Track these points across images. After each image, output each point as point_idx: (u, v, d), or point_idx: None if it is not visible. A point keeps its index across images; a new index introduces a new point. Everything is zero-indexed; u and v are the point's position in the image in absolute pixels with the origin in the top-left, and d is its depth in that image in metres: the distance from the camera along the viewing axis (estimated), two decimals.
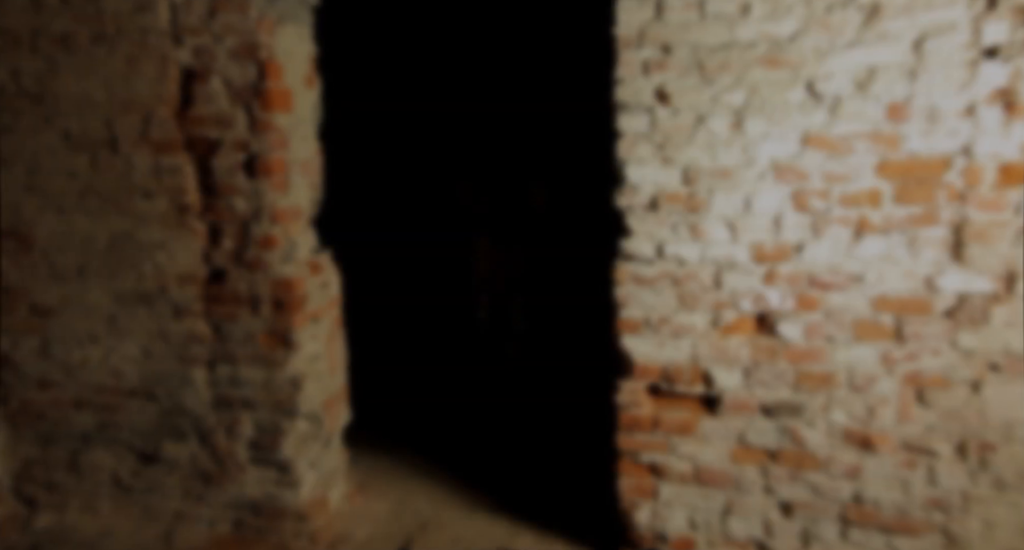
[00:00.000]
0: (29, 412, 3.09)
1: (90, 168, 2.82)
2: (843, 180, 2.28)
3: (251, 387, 2.87)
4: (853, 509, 2.43)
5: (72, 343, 2.99)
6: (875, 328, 2.32)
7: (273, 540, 2.94)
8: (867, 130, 2.23)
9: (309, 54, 2.92)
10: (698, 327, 2.47)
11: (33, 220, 2.92)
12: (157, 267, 2.85)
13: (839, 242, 2.31)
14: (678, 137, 2.39)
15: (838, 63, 2.22)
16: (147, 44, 2.66)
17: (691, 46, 2.33)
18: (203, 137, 2.72)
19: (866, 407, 2.36)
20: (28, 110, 2.81)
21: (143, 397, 2.97)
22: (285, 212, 2.79)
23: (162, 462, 3.01)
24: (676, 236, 2.45)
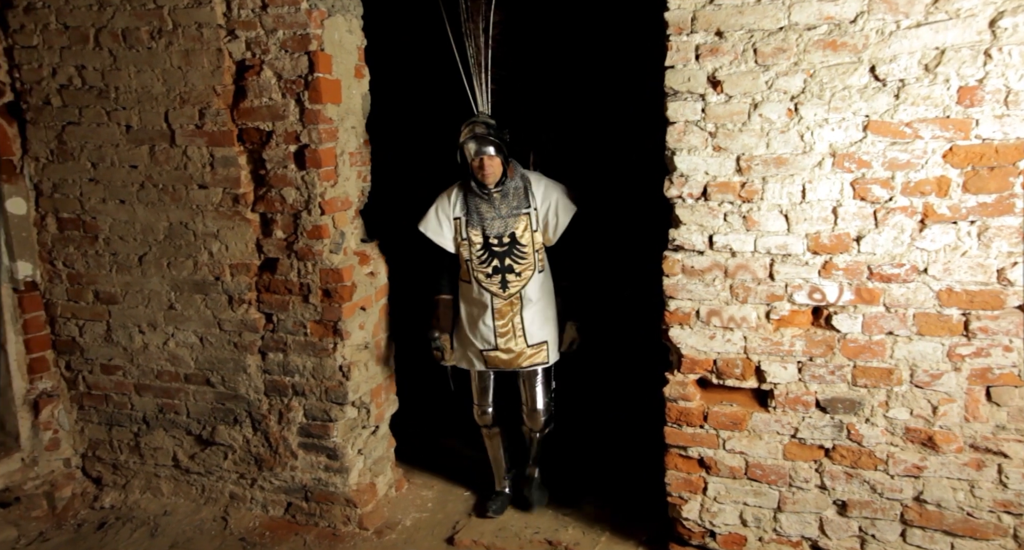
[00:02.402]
0: (95, 395, 3.23)
1: (149, 160, 2.91)
2: (907, 167, 2.18)
3: (301, 374, 2.93)
4: (914, 510, 2.33)
5: (133, 329, 3.11)
6: (940, 322, 2.21)
7: (323, 525, 3.01)
8: (934, 115, 2.12)
9: (358, 45, 2.94)
10: (750, 319, 2.41)
11: (97, 210, 3.03)
12: (212, 256, 2.93)
13: (902, 232, 2.21)
14: (731, 125, 2.32)
15: (904, 45, 2.11)
16: (203, 38, 2.72)
17: (746, 30, 2.25)
18: (255, 129, 2.77)
19: (930, 405, 2.26)
20: (92, 104, 2.91)
21: (199, 382, 3.07)
22: (334, 202, 2.83)
23: (218, 446, 3.10)
24: (728, 226, 2.38)
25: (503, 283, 2.85)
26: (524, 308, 2.89)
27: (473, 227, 2.85)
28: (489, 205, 2.83)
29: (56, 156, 3.02)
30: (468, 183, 2.85)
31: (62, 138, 2.99)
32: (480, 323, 2.92)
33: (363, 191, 3.06)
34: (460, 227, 2.88)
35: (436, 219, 2.90)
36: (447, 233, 2.89)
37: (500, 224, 2.83)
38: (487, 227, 2.83)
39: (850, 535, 2.42)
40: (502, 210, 2.83)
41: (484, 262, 2.85)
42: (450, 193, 2.93)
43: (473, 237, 2.85)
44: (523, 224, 2.83)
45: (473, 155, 2.74)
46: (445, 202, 2.91)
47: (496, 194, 2.81)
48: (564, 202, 2.84)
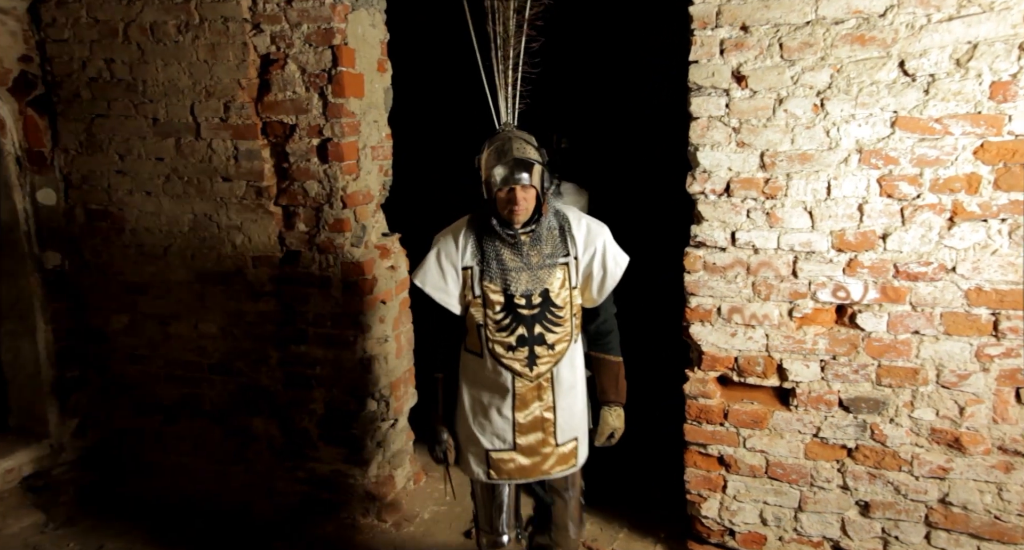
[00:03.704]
0: (120, 384, 3.28)
1: (175, 152, 2.95)
2: (936, 164, 2.14)
3: (322, 367, 2.96)
4: (939, 512, 2.30)
5: (158, 320, 3.15)
6: (969, 322, 2.18)
7: (342, 516, 3.03)
8: (965, 111, 2.08)
9: (381, 39, 2.95)
10: (772, 317, 2.38)
11: (124, 202, 3.08)
12: (235, 248, 2.97)
13: (930, 230, 2.18)
14: (755, 120, 2.30)
15: (935, 39, 2.08)
16: (228, 32, 2.74)
17: (772, 25, 2.23)
18: (279, 122, 2.80)
19: (956, 405, 2.23)
20: (120, 97, 2.96)
21: (222, 373, 3.11)
22: (356, 196, 2.85)
23: (240, 436, 3.14)
24: (751, 223, 2.36)
25: (530, 359, 2.08)
26: (557, 394, 2.14)
27: (491, 281, 2.06)
28: (515, 252, 2.05)
29: (85, 148, 3.08)
30: (485, 221, 2.07)
31: (91, 130, 3.04)
32: (494, 414, 2.15)
33: (384, 185, 3.07)
34: (471, 280, 2.08)
35: (438, 269, 2.10)
36: (452, 288, 2.10)
37: (529, 278, 2.05)
38: (511, 281, 2.05)
39: (873, 536, 2.39)
40: (532, 259, 2.05)
41: (505, 329, 2.07)
42: (456, 233, 2.12)
43: (490, 294, 2.07)
44: (559, 278, 2.07)
45: (500, 183, 1.96)
46: (450, 245, 2.10)
47: (525, 237, 2.04)
48: (613, 249, 2.13)
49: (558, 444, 2.17)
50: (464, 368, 2.21)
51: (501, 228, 2.04)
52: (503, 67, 2.10)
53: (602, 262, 2.10)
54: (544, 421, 2.14)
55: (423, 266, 2.12)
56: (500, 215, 2.03)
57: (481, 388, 2.17)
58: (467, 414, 2.20)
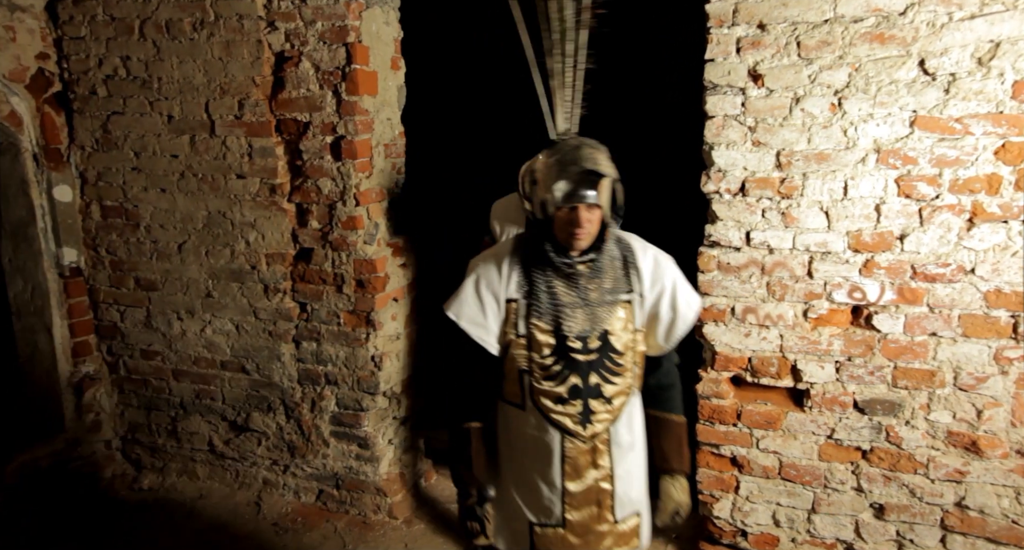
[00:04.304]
0: (135, 379, 3.31)
1: (190, 150, 2.96)
2: (956, 164, 2.12)
3: (334, 363, 2.96)
4: (955, 516, 2.28)
5: (172, 316, 3.17)
6: (988, 324, 2.15)
7: (353, 513, 3.05)
8: (987, 110, 2.05)
9: (395, 37, 2.95)
10: (787, 317, 2.37)
11: (139, 199, 3.10)
12: (248, 245, 2.98)
13: (948, 231, 2.15)
14: (771, 119, 2.28)
15: (956, 37, 2.05)
16: (243, 29, 2.75)
17: (789, 23, 2.21)
18: (293, 120, 2.80)
19: (974, 408, 2.20)
20: (136, 94, 2.97)
21: (235, 369, 3.13)
22: (369, 194, 2.85)
23: (252, 432, 3.16)
24: (766, 223, 2.35)
25: (584, 415, 1.73)
26: (615, 459, 1.78)
27: (540, 317, 1.72)
28: (570, 285, 1.72)
29: (101, 145, 3.10)
30: (536, 245, 1.74)
31: (107, 127, 3.06)
32: (538, 481, 1.78)
33: (397, 183, 3.07)
34: (515, 315, 1.74)
35: (476, 299, 1.76)
36: (492, 323, 1.76)
37: (586, 316, 1.72)
38: (564, 319, 1.71)
39: (887, 539, 2.37)
40: (590, 294, 1.72)
41: (555, 377, 1.72)
42: (500, 258, 1.79)
43: (538, 334, 1.72)
44: (621, 318, 1.74)
45: (561, 200, 1.63)
46: (492, 273, 1.77)
47: (583, 267, 1.71)
48: (685, 288, 1.81)
49: (616, 521, 1.79)
50: (505, 423, 1.83)
51: (556, 255, 1.70)
52: (561, 65, 1.75)
53: (671, 302, 1.77)
54: (600, 492, 1.77)
55: (458, 295, 1.78)
56: (556, 239, 1.69)
57: (522, 448, 1.79)
58: (507, 479, 1.82)
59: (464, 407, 1.83)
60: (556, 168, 1.64)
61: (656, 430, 1.86)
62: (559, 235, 1.68)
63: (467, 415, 1.82)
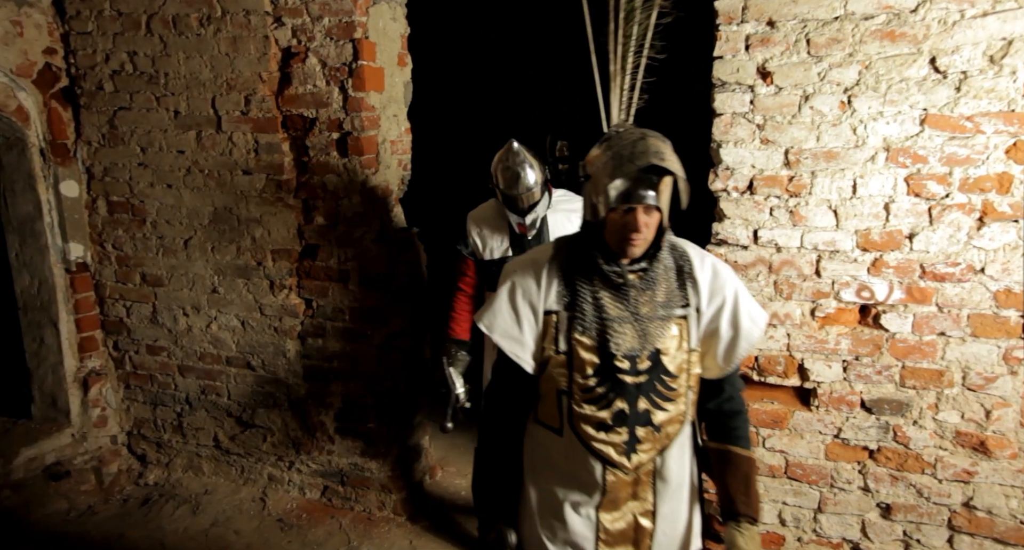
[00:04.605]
0: (141, 375, 3.32)
1: (196, 145, 2.96)
2: (967, 163, 2.10)
3: (339, 360, 2.97)
4: (963, 516, 2.27)
5: (178, 312, 3.18)
6: (997, 324, 2.14)
7: (358, 509, 3.05)
8: (998, 109, 2.04)
9: (402, 33, 2.94)
10: (794, 316, 2.36)
11: (145, 194, 3.10)
12: (254, 242, 2.98)
13: (958, 230, 2.14)
14: (780, 117, 2.26)
15: (968, 35, 2.03)
16: (250, 25, 2.75)
17: (799, 20, 2.19)
18: (299, 116, 2.80)
19: (983, 408, 2.19)
20: (142, 90, 2.97)
21: (240, 365, 3.13)
22: (375, 190, 2.85)
23: (257, 428, 3.17)
24: (774, 221, 2.33)
25: (630, 444, 1.53)
26: (660, 494, 1.58)
27: (583, 332, 1.52)
28: (619, 297, 1.52)
29: (107, 140, 3.10)
30: (581, 251, 1.56)
31: (113, 123, 3.06)
32: (569, 513, 1.59)
33: (403, 180, 3.07)
34: (555, 329, 1.55)
35: (511, 310, 1.57)
36: (528, 337, 1.56)
37: (635, 333, 1.52)
38: (611, 335, 1.51)
39: (894, 539, 2.36)
40: (641, 308, 1.52)
41: (599, 400, 1.52)
42: (538, 265, 1.59)
43: (581, 351, 1.52)
44: (675, 336, 1.54)
45: (616, 200, 1.43)
46: (529, 281, 1.57)
47: (634, 277, 1.52)
48: (748, 302, 1.59)
49: None
50: (532, 446, 1.65)
51: (606, 262, 1.51)
52: (622, 50, 1.57)
53: (732, 318, 1.56)
54: (639, 530, 1.57)
55: (492, 305, 1.60)
56: (605, 244, 1.50)
57: (555, 476, 1.60)
58: (532, 510, 1.63)
59: (492, 431, 1.66)
60: (612, 163, 1.43)
61: (718, 466, 1.60)
62: (610, 240, 1.49)
63: (490, 440, 1.66)
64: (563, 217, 2.62)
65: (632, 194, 1.41)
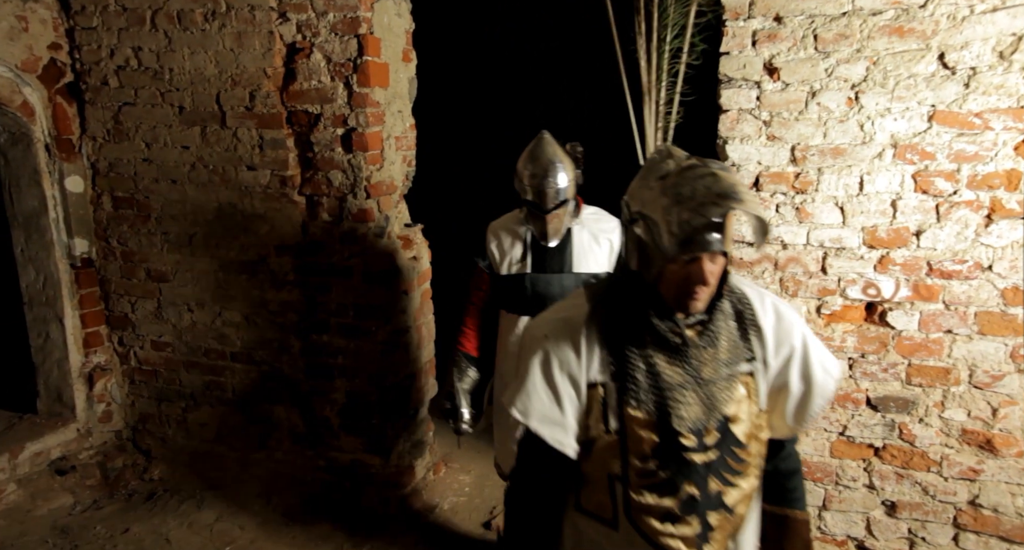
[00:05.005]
0: (145, 370, 3.32)
1: (200, 141, 2.96)
2: (975, 160, 2.09)
3: (344, 356, 2.97)
4: (969, 514, 2.26)
5: (182, 307, 3.18)
6: (1004, 322, 2.13)
7: (362, 504, 3.05)
8: (1007, 105, 2.03)
9: (407, 28, 2.94)
10: (800, 314, 2.35)
11: (150, 190, 3.10)
12: (259, 237, 2.98)
13: (966, 227, 2.13)
14: (787, 113, 2.26)
15: (977, 30, 2.02)
16: (255, 20, 2.74)
17: (806, 15, 2.18)
18: (304, 111, 2.79)
19: (989, 406, 2.18)
20: (147, 85, 2.97)
21: (245, 361, 3.13)
22: (380, 186, 2.85)
23: (261, 424, 3.17)
24: (780, 218, 2.32)
25: (703, 535, 1.27)
26: None
27: (637, 406, 1.26)
28: (677, 359, 1.26)
29: (112, 136, 3.10)
30: (629, 306, 1.28)
31: (118, 118, 3.06)
32: None
33: (408, 176, 3.07)
34: (602, 405, 1.28)
35: (546, 387, 1.29)
36: (570, 417, 1.29)
37: (700, 400, 1.26)
38: (673, 407, 1.25)
39: (899, 537, 2.36)
40: (703, 368, 1.26)
41: (662, 487, 1.26)
42: (574, 327, 1.30)
43: (636, 430, 1.26)
44: (743, 398, 1.29)
45: (678, 248, 1.16)
46: (565, 347, 1.29)
47: (693, 333, 1.27)
48: (818, 347, 1.35)
49: None
50: (576, 539, 1.37)
51: (661, 319, 1.24)
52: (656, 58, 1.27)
53: (803, 369, 1.32)
54: None
55: (523, 385, 1.30)
56: (659, 298, 1.24)
57: None
58: None
59: (522, 524, 1.38)
60: (677, 209, 1.15)
61: (773, 531, 1.40)
62: (666, 293, 1.23)
63: (522, 538, 1.37)
64: (590, 238, 2.34)
65: (698, 241, 1.14)
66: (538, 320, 1.38)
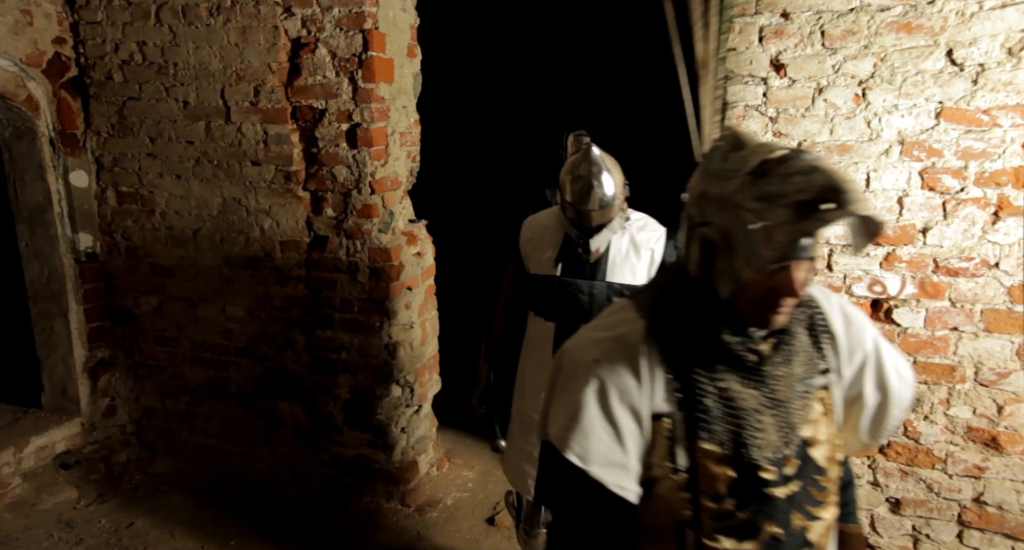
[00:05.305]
0: (149, 365, 3.33)
1: (205, 136, 2.96)
2: (982, 157, 2.08)
3: (348, 352, 2.97)
4: (973, 511, 2.26)
5: (186, 303, 3.18)
6: (1011, 319, 2.12)
7: (366, 500, 3.06)
8: (1016, 102, 2.02)
9: (411, 24, 2.93)
10: None
11: (154, 185, 3.10)
12: (263, 233, 2.98)
13: (972, 225, 2.12)
14: (793, 110, 2.25)
15: (986, 27, 2.01)
16: (259, 15, 2.73)
17: (813, 12, 2.17)
18: (308, 107, 2.79)
19: (995, 404, 2.18)
20: (152, 80, 2.97)
21: (249, 356, 3.13)
22: (384, 182, 2.84)
23: (265, 419, 3.17)
24: None
25: None
26: None
27: (709, 438, 1.08)
28: (752, 380, 1.09)
29: (117, 130, 3.10)
30: (698, 324, 1.10)
31: (122, 113, 3.06)
32: None
33: (412, 171, 3.06)
34: (668, 439, 1.09)
35: (606, 424, 1.08)
36: (632, 457, 1.09)
37: (777, 426, 1.09)
38: (749, 437, 1.08)
39: (903, 534, 2.36)
40: (778, 388, 1.10)
41: (742, 529, 1.08)
42: (629, 347, 1.10)
43: (709, 465, 1.08)
44: (820, 416, 1.14)
45: (778, 258, 0.98)
46: (623, 374, 1.09)
47: (767, 346, 1.10)
48: (889, 351, 1.20)
49: None
50: None
51: (733, 332, 1.07)
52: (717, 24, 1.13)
53: (878, 377, 1.17)
54: None
55: (577, 421, 1.07)
56: (733, 312, 1.06)
57: None
58: None
59: None
60: (774, 212, 0.95)
61: None
62: (746, 307, 1.05)
63: None
64: (630, 246, 2.10)
65: (794, 245, 0.96)
66: (582, 340, 1.16)
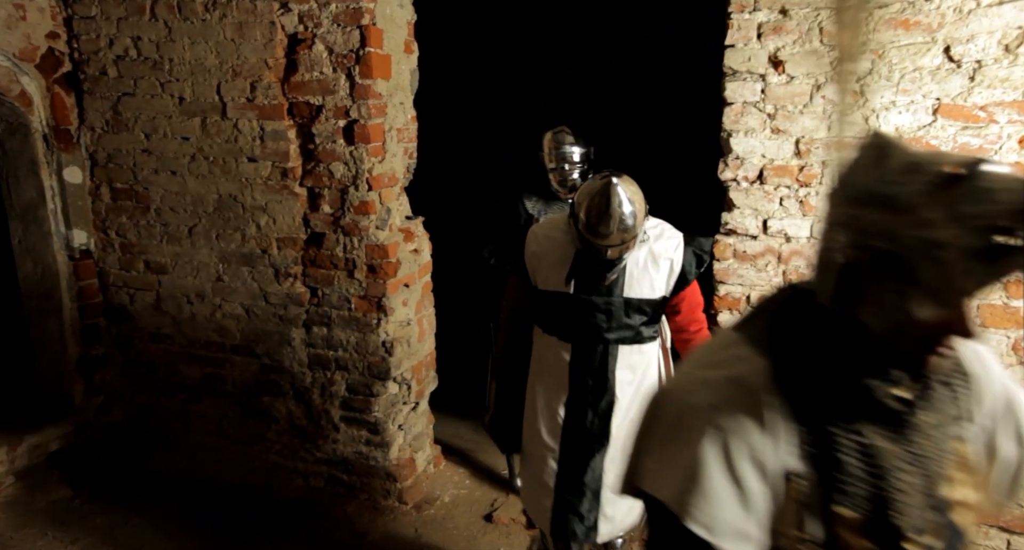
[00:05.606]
0: (144, 363, 3.31)
1: (201, 132, 2.94)
2: (979, 153, 2.09)
3: (345, 349, 2.96)
4: None
5: (182, 299, 3.16)
6: (1007, 314, 2.14)
7: (363, 497, 3.05)
8: (1012, 98, 2.03)
9: (409, 19, 2.92)
10: None
11: (149, 181, 3.08)
12: (259, 229, 2.96)
13: None
14: (791, 106, 2.26)
15: (983, 23, 2.02)
16: (256, 10, 2.72)
17: (812, 8, 2.18)
18: (305, 103, 2.77)
19: None
20: (147, 75, 2.94)
21: (245, 353, 3.12)
22: (381, 178, 2.83)
23: (262, 416, 3.16)
24: (783, 211, 2.33)
25: None
26: None
27: (845, 502, 0.87)
28: (895, 433, 0.90)
29: (111, 126, 3.07)
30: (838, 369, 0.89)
31: (117, 109, 3.03)
32: None
33: (409, 168, 3.05)
34: (798, 503, 0.87)
35: (731, 486, 0.87)
36: (758, 525, 0.88)
37: (922, 486, 0.90)
38: (894, 500, 0.88)
39: None
40: (920, 440, 0.91)
41: None
42: (751, 393, 0.89)
43: (846, 535, 0.87)
44: (963, 473, 0.95)
45: (978, 287, 0.79)
46: (747, 426, 0.88)
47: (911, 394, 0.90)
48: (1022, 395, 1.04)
49: None
50: None
51: (877, 379, 0.89)
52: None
53: (1017, 428, 1.01)
54: None
55: (695, 482, 0.89)
56: (885, 352, 0.87)
57: None
58: None
59: None
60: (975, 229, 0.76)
61: None
62: (905, 345, 0.86)
63: None
64: (647, 258, 1.95)
65: (998, 278, 0.80)
66: (687, 380, 0.99)
